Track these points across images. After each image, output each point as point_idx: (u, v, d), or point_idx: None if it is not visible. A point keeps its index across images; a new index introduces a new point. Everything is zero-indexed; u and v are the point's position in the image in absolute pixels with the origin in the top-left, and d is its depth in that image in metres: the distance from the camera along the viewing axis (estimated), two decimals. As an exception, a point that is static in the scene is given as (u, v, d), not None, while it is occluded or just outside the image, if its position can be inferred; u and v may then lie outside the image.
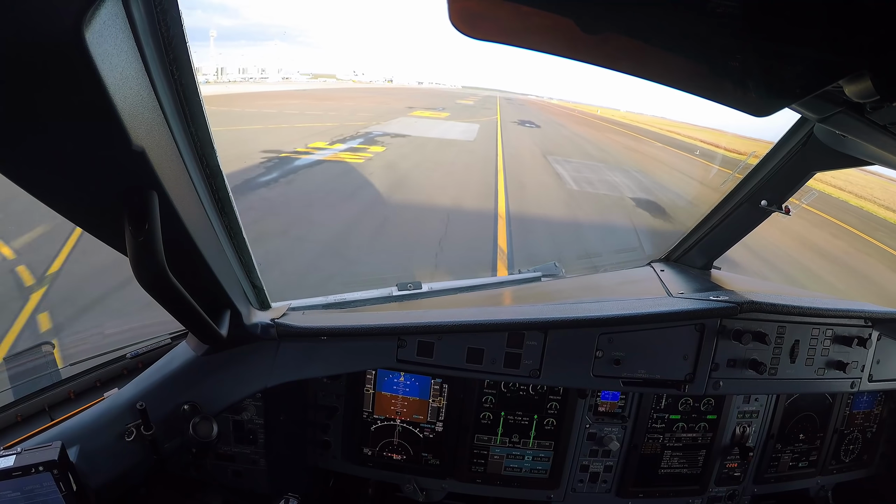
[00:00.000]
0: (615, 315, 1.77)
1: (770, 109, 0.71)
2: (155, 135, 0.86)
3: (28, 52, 0.60)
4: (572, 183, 13.68)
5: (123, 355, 1.77)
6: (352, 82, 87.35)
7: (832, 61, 0.64)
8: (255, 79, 61.57)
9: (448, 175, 12.81)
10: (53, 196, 0.85)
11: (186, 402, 1.53)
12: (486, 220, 9.00)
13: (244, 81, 55.75)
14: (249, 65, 65.28)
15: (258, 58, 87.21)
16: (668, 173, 19.11)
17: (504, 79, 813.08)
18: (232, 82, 51.22)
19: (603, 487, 2.07)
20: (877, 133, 1.04)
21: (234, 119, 18.83)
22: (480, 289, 2.46)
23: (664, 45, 0.65)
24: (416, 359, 1.79)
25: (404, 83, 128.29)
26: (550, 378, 1.82)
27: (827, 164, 1.73)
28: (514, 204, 10.26)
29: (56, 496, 1.20)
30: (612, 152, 23.55)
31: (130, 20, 0.75)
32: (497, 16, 0.61)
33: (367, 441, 2.00)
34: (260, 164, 11.50)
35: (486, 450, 2.01)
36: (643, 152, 25.67)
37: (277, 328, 1.69)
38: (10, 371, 1.68)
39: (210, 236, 1.26)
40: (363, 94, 50.06)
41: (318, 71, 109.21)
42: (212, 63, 51.47)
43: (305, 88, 52.24)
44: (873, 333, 1.96)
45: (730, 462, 2.12)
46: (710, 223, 2.27)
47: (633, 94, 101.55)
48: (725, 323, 1.81)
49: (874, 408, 2.26)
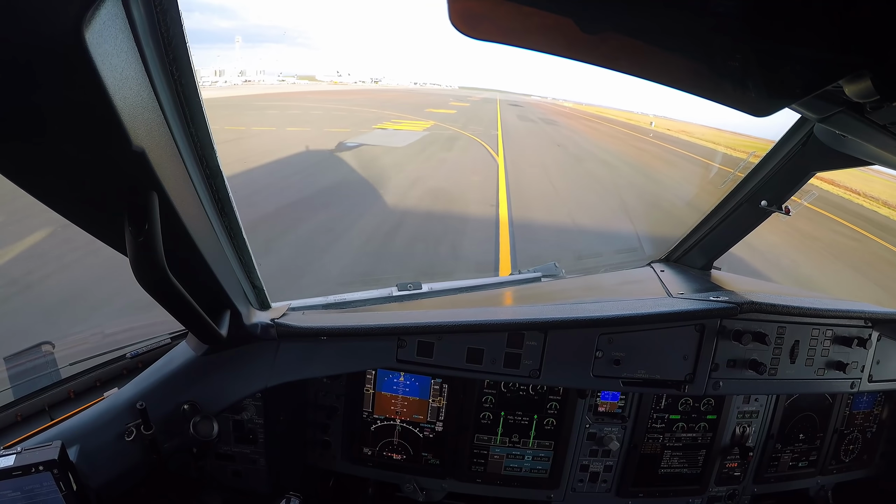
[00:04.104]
0: (615, 315, 1.77)
1: (770, 109, 0.71)
2: (155, 135, 0.86)
3: (28, 53, 0.60)
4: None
5: (123, 355, 1.77)
6: (333, 83, 79.26)
7: (832, 61, 0.64)
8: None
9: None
10: (53, 196, 0.85)
11: (186, 402, 1.53)
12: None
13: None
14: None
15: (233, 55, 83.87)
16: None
17: (505, 79, 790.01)
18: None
19: (603, 487, 2.07)
20: (877, 133, 1.04)
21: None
22: (480, 289, 2.46)
23: (664, 45, 0.65)
24: (416, 359, 1.79)
25: (394, 84, 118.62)
26: (550, 378, 1.82)
27: (827, 164, 1.73)
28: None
29: (56, 496, 1.20)
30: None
31: (130, 20, 0.75)
32: (497, 16, 0.61)
33: (367, 441, 2.00)
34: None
35: (486, 450, 2.01)
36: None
37: (277, 328, 1.69)
38: (10, 370, 1.68)
39: (210, 236, 1.26)
40: (325, 99, 36.71)
41: (304, 72, 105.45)
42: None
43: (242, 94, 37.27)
44: (873, 334, 1.96)
45: (730, 462, 2.12)
46: (709, 223, 2.27)
47: (633, 95, 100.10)
48: (725, 323, 1.81)
49: (874, 408, 2.26)
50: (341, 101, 36.91)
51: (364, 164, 13.19)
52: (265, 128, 18.11)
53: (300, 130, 18.05)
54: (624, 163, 20.56)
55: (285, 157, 13.17)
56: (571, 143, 24.23)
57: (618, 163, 20.00)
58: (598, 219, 10.43)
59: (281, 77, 71.74)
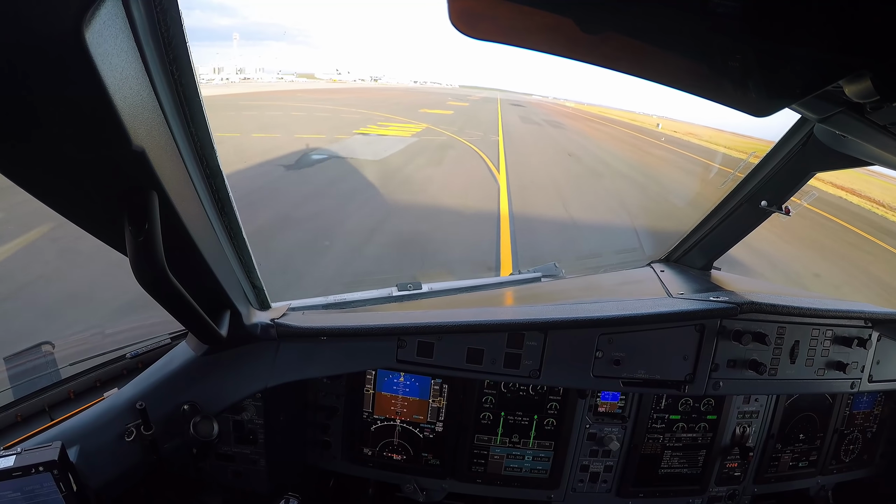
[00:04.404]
0: (615, 316, 1.77)
1: (770, 109, 0.71)
2: (155, 135, 0.86)
3: (28, 53, 0.60)
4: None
5: (123, 355, 1.77)
6: (332, 82, 79.55)
7: (832, 61, 0.64)
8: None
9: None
10: (53, 196, 0.85)
11: (186, 402, 1.53)
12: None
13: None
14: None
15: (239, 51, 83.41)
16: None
17: (505, 78, 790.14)
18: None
19: (603, 487, 2.07)
20: (877, 133, 1.04)
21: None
22: (480, 289, 2.46)
23: (664, 45, 0.65)
24: (416, 359, 1.79)
25: (394, 82, 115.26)
26: (550, 378, 1.82)
27: (827, 165, 1.73)
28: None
29: (56, 496, 1.20)
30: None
31: (130, 20, 0.75)
32: (497, 16, 0.61)
33: (367, 441, 2.00)
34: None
35: (486, 450, 2.01)
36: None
37: (277, 328, 1.69)
38: (10, 371, 1.68)
39: (210, 236, 1.26)
40: (315, 99, 33.76)
41: (303, 69, 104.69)
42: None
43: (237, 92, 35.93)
44: (873, 334, 1.96)
45: (730, 462, 2.12)
46: (709, 223, 2.27)
47: (633, 95, 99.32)
48: (725, 323, 1.81)
49: (874, 408, 2.26)
50: (331, 100, 34.01)
51: (320, 189, 9.86)
52: (228, 134, 14.85)
53: (267, 137, 14.68)
54: (649, 177, 16.58)
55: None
56: (584, 152, 20.98)
57: (643, 178, 16.34)
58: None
59: (279, 75, 71.15)
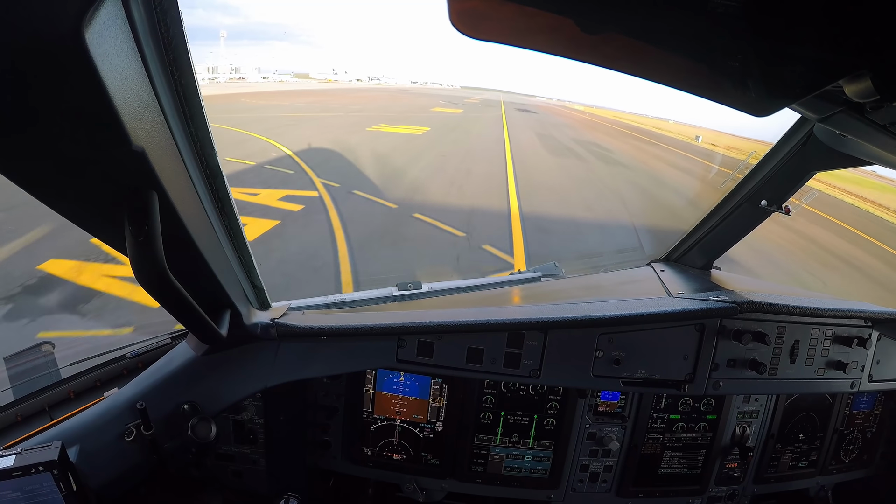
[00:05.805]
0: (615, 315, 1.77)
1: (770, 109, 0.71)
2: (155, 135, 0.86)
3: (28, 53, 0.60)
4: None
5: (123, 355, 1.77)
6: (327, 82, 78.76)
7: (832, 61, 0.64)
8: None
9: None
10: (53, 196, 0.85)
11: (186, 402, 1.53)
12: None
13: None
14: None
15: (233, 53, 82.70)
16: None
17: (507, 79, 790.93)
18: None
19: (603, 487, 2.07)
20: (877, 133, 1.04)
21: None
22: (480, 289, 2.46)
23: (664, 45, 0.65)
24: (416, 359, 1.79)
25: (393, 83, 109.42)
26: (550, 378, 1.82)
27: (827, 164, 1.73)
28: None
29: (56, 496, 1.20)
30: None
31: (130, 20, 0.75)
32: (497, 16, 0.61)
33: (367, 441, 2.00)
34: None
35: (486, 450, 2.01)
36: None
37: (277, 328, 1.69)
38: (10, 371, 1.68)
39: (210, 236, 1.26)
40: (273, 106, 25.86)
41: (304, 70, 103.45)
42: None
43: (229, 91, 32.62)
44: (873, 334, 1.96)
45: (730, 462, 2.12)
46: (710, 223, 2.27)
47: (633, 95, 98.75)
48: (725, 323, 1.81)
49: (874, 408, 2.26)
50: (292, 107, 26.09)
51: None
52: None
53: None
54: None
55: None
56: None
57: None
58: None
59: (263, 75, 68.91)
